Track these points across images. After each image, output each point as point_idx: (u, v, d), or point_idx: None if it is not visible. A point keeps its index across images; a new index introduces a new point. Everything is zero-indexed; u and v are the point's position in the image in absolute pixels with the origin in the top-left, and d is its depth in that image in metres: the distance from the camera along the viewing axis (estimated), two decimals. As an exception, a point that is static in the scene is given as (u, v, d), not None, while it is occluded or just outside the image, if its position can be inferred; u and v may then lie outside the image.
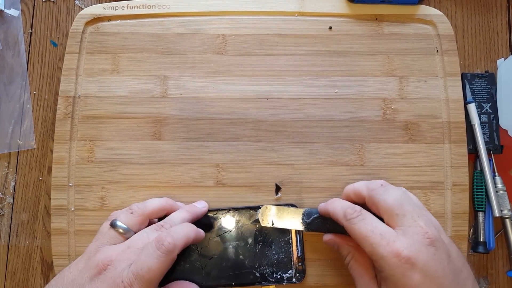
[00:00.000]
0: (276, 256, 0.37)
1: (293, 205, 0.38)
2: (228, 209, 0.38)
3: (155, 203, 0.36)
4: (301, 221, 0.36)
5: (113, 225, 0.34)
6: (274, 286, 0.37)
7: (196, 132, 0.41)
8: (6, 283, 0.42)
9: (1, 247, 0.43)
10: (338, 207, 0.34)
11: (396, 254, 0.29)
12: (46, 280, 0.42)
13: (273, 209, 0.37)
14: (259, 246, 0.37)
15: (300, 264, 0.37)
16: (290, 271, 0.37)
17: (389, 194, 0.32)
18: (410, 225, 0.30)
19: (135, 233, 0.34)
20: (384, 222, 0.32)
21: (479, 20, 0.45)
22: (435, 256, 0.29)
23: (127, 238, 0.33)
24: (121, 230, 0.34)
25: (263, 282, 0.37)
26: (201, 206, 0.39)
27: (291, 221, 0.37)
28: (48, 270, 0.42)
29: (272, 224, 0.37)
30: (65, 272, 0.33)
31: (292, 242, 0.38)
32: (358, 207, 0.33)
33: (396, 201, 0.32)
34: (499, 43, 0.44)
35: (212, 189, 0.40)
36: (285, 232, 0.38)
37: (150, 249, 0.31)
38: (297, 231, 0.38)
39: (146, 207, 0.36)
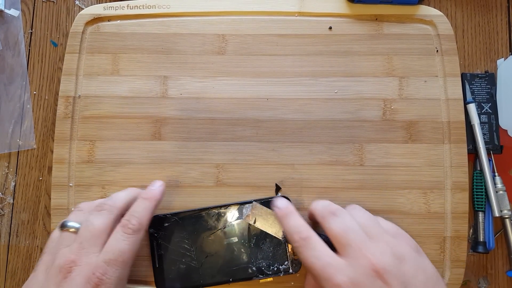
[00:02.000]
0: (271, 249, 0.37)
1: (286, 198, 0.38)
2: (219, 206, 0.38)
3: (124, 196, 0.35)
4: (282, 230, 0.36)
5: (63, 226, 0.33)
6: (271, 278, 0.37)
7: (196, 132, 0.41)
8: (6, 283, 0.42)
9: (1, 247, 0.43)
10: (290, 228, 0.33)
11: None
12: (46, 280, 0.42)
13: (261, 210, 0.37)
14: (254, 241, 0.37)
15: (295, 255, 0.37)
16: (286, 262, 0.37)
17: (335, 223, 0.32)
18: (356, 257, 0.29)
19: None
20: None
21: (479, 20, 0.45)
22: None
23: None
24: (72, 230, 0.32)
25: (260, 276, 0.37)
26: (155, 187, 0.37)
27: (273, 227, 0.37)
28: (48, 270, 0.42)
29: (254, 223, 0.37)
30: None
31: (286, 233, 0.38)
32: (306, 233, 0.32)
33: (340, 230, 0.31)
34: (499, 43, 0.44)
35: (212, 189, 0.40)
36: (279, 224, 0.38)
37: (118, 235, 0.32)
38: None
39: (116, 202, 0.34)
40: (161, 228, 0.38)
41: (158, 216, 0.38)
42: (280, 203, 0.36)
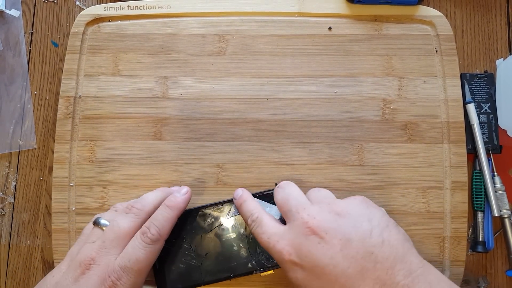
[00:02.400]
0: None
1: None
2: (215, 204, 0.38)
3: (153, 199, 0.35)
4: None
5: (96, 223, 0.33)
6: (272, 271, 0.37)
7: (197, 132, 0.41)
8: (7, 283, 0.42)
9: (2, 247, 0.43)
10: (244, 214, 0.35)
11: (280, 255, 0.29)
12: (47, 279, 0.42)
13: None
14: (251, 235, 0.37)
15: None
16: None
17: (278, 194, 0.33)
18: (294, 219, 0.30)
19: None
20: None
21: (478, 21, 0.45)
22: (320, 245, 0.28)
23: None
24: (102, 227, 0.33)
25: (260, 269, 0.37)
26: (180, 195, 0.36)
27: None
28: (49, 269, 0.42)
29: (226, 216, 0.38)
30: (47, 277, 0.32)
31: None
32: (256, 214, 0.33)
33: (282, 198, 0.33)
34: (498, 43, 0.45)
35: (212, 189, 0.40)
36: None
37: (136, 241, 0.32)
38: None
39: (145, 206, 0.34)
40: None
41: None
42: (235, 193, 0.36)
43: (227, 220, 0.38)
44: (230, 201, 0.38)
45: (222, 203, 0.38)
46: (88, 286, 0.30)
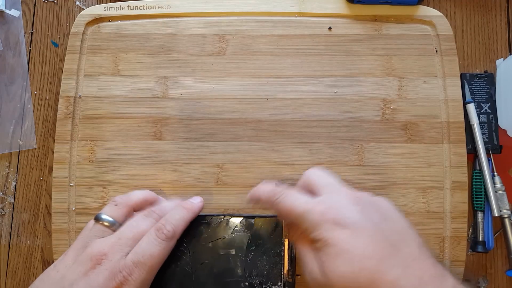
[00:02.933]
0: (267, 267, 0.37)
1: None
2: (223, 215, 0.38)
3: (138, 194, 0.36)
4: None
5: (98, 218, 0.34)
6: None
7: (197, 132, 0.41)
8: (7, 283, 0.42)
9: (2, 247, 0.43)
10: (264, 191, 0.33)
11: (321, 214, 0.29)
12: (47, 279, 0.42)
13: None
14: (251, 256, 0.37)
15: (290, 277, 0.37)
16: (279, 283, 0.37)
17: (312, 172, 0.33)
18: (333, 191, 0.31)
19: (121, 224, 0.34)
20: None
21: (478, 21, 0.45)
22: (363, 212, 0.29)
23: (114, 231, 0.33)
24: (106, 223, 0.33)
25: None
26: (196, 202, 0.37)
27: None
28: (49, 269, 0.42)
29: (232, 231, 0.37)
30: (50, 271, 0.32)
31: (284, 254, 0.37)
32: (280, 188, 0.32)
33: (318, 174, 0.33)
34: (498, 43, 0.45)
35: (212, 189, 0.40)
36: (278, 244, 0.38)
37: (150, 237, 0.32)
38: (289, 245, 0.38)
39: (129, 199, 0.36)
40: None
41: None
42: (256, 195, 0.35)
43: (232, 236, 0.37)
44: (239, 217, 0.38)
45: (230, 216, 0.38)
46: (99, 280, 0.30)
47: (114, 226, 0.33)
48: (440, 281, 0.26)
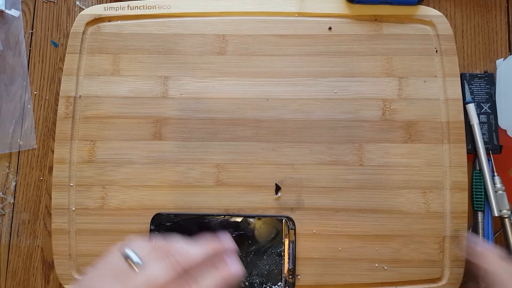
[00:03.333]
0: (267, 267, 0.37)
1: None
2: (223, 215, 0.38)
3: (198, 257, 0.28)
4: None
5: (129, 258, 0.27)
6: None
7: (197, 132, 0.41)
8: (7, 283, 0.42)
9: (2, 247, 0.43)
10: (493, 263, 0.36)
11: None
12: (47, 279, 0.42)
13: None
14: (251, 256, 0.37)
15: (290, 277, 0.37)
16: (279, 283, 0.37)
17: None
18: None
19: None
20: None
21: (478, 21, 0.45)
22: None
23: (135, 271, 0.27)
24: (135, 267, 0.27)
25: None
26: (234, 268, 0.29)
27: None
28: (48, 269, 0.42)
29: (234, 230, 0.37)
30: None
31: (284, 254, 0.37)
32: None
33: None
34: (498, 43, 0.45)
35: (212, 189, 0.40)
36: (278, 244, 0.38)
37: None
38: (290, 243, 0.38)
39: (188, 262, 0.27)
40: (162, 227, 0.38)
41: (160, 214, 0.38)
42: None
43: (232, 236, 0.37)
44: (239, 217, 0.38)
45: (231, 216, 0.38)
46: None
47: (139, 267, 0.27)
48: None
